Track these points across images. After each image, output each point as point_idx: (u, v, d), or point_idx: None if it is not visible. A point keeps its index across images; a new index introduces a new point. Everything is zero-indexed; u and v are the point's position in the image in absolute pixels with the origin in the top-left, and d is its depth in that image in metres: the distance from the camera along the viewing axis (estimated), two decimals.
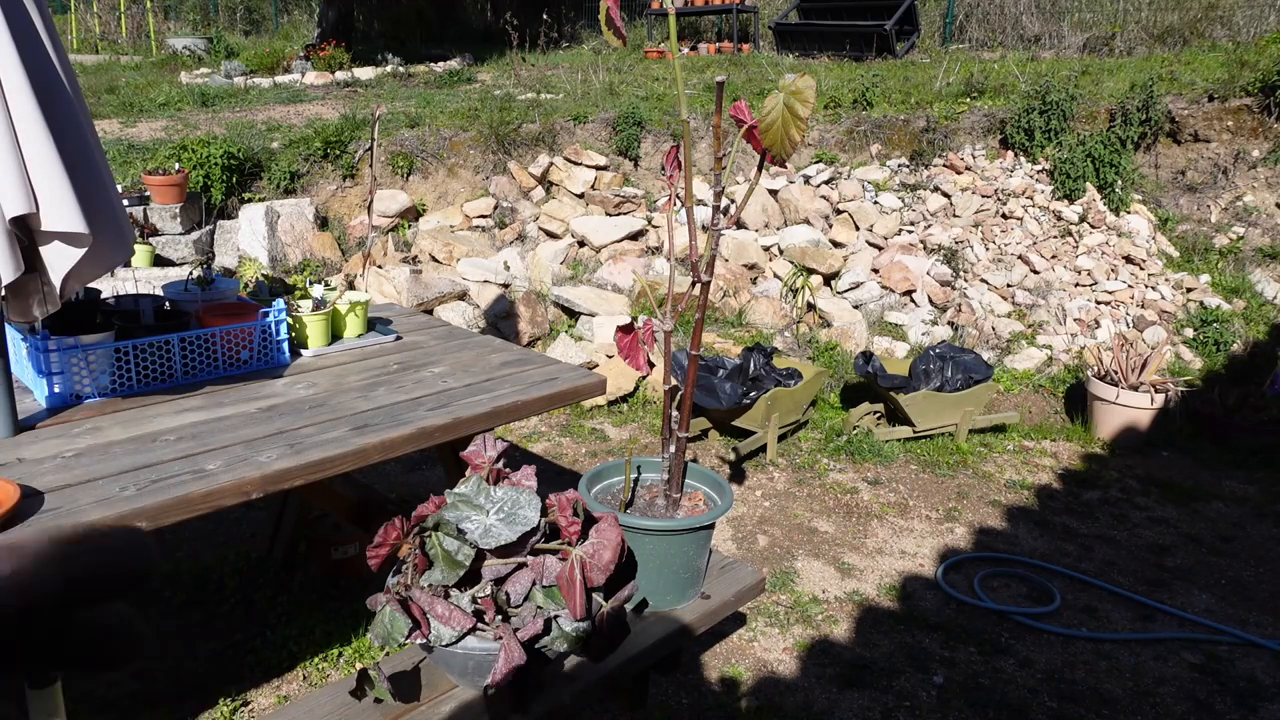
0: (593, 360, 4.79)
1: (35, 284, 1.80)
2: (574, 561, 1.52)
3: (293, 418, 2.09)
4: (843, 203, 6.41)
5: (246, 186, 6.02)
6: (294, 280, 2.78)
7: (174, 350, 2.23)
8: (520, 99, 7.80)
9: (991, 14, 10.60)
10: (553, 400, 2.37)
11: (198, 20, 14.41)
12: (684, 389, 1.64)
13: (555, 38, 12.06)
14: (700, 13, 12.64)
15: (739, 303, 5.61)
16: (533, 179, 6.63)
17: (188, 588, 3.02)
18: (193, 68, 10.05)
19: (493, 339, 2.80)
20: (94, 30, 12.78)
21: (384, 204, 6.06)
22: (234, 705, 2.49)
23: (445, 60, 10.79)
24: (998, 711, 2.54)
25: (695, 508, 1.79)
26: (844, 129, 7.08)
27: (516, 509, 1.57)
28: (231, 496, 1.77)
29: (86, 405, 2.12)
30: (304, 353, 2.52)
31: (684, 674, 2.68)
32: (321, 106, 7.65)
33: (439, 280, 5.39)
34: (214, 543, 3.33)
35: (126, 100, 7.75)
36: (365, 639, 2.74)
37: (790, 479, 4.01)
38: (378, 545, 1.53)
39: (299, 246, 5.77)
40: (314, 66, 9.60)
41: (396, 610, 1.45)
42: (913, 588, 3.19)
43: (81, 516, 1.60)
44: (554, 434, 4.40)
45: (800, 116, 1.21)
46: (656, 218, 6.28)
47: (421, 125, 6.79)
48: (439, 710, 1.54)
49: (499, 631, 1.47)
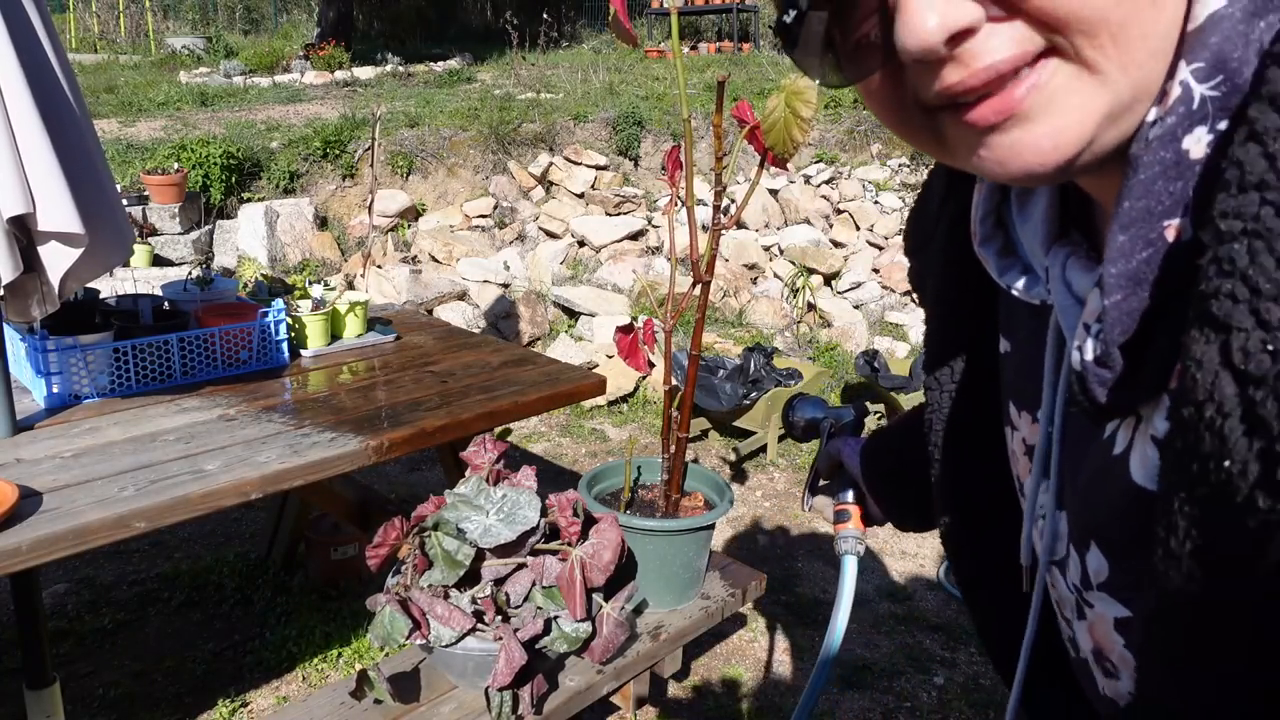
0: (593, 360, 4.78)
1: (34, 284, 1.79)
2: (574, 562, 1.52)
3: (292, 418, 2.09)
4: (843, 202, 6.40)
5: (246, 186, 6.02)
6: (293, 280, 2.77)
7: (173, 350, 2.23)
8: (520, 98, 7.80)
9: None
10: (553, 400, 2.37)
11: (197, 19, 14.41)
12: (684, 389, 1.63)
13: (555, 37, 12.06)
14: (700, 12, 12.64)
15: (739, 303, 5.61)
16: (533, 179, 6.63)
17: (187, 588, 3.01)
18: (192, 67, 10.05)
19: (493, 339, 2.80)
20: (93, 29, 12.77)
21: (384, 204, 6.06)
22: (233, 706, 2.48)
23: (445, 60, 10.79)
24: (998, 713, 2.54)
25: (695, 508, 1.78)
26: (844, 128, 7.08)
27: (516, 509, 1.56)
28: (230, 497, 1.76)
29: (85, 405, 2.11)
30: (303, 353, 2.52)
31: (684, 675, 2.68)
32: (321, 106, 7.65)
33: (439, 280, 5.39)
34: (213, 543, 3.32)
35: (125, 100, 7.74)
36: (365, 639, 2.73)
37: (791, 479, 4.01)
38: (377, 545, 1.53)
39: (298, 246, 5.76)
40: (313, 66, 9.60)
41: (396, 611, 1.45)
42: (914, 588, 3.19)
43: (80, 517, 1.60)
44: (554, 434, 4.39)
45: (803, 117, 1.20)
46: (656, 218, 6.28)
47: (421, 125, 6.79)
48: (439, 711, 1.54)
49: (499, 632, 1.47)
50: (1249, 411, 0.38)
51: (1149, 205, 0.46)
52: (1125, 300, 0.47)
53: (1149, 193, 0.45)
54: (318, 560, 3.02)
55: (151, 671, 2.62)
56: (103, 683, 2.56)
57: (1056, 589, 0.63)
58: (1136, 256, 0.46)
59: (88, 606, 2.91)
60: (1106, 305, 0.48)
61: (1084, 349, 0.50)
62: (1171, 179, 0.45)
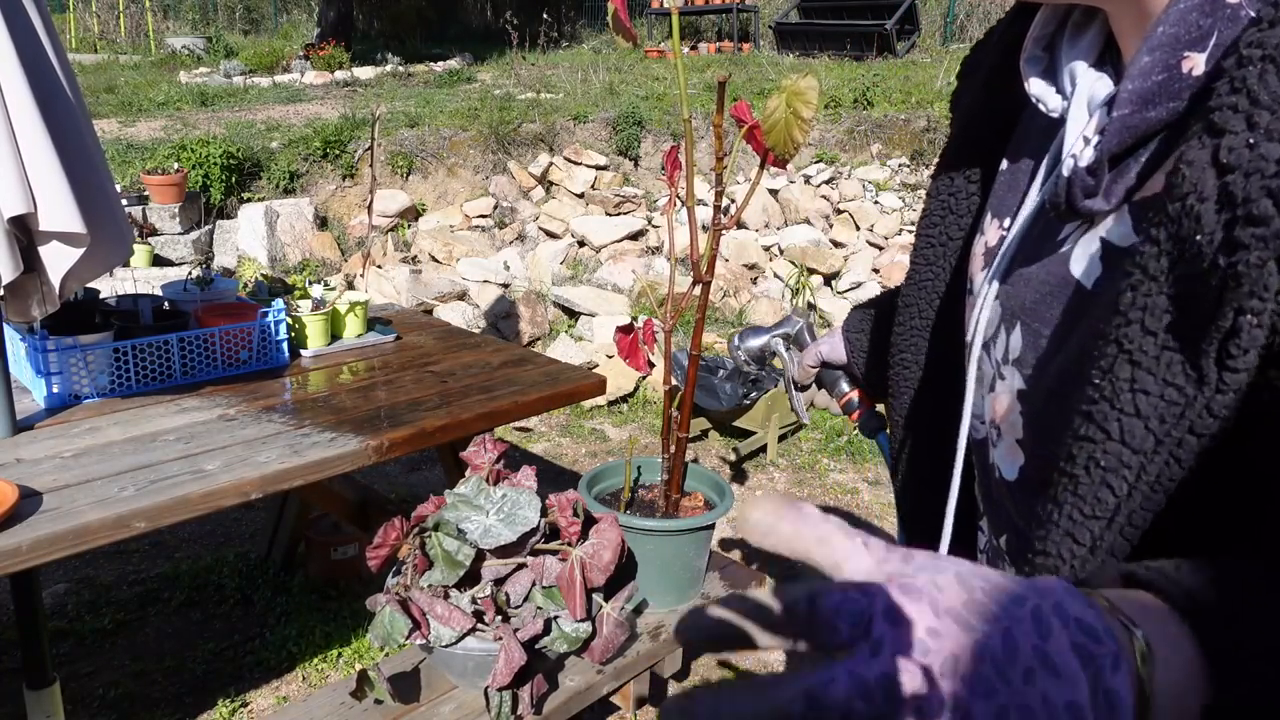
0: (593, 360, 4.78)
1: (34, 284, 1.79)
2: (574, 562, 1.52)
3: (292, 418, 2.09)
4: (843, 202, 6.40)
5: (246, 186, 6.02)
6: (293, 280, 2.77)
7: (173, 350, 2.23)
8: (520, 98, 7.80)
9: (992, 13, 10.59)
10: (553, 400, 2.37)
11: (197, 19, 14.41)
12: (684, 389, 1.63)
13: (555, 37, 12.06)
14: (701, 12, 12.64)
15: (739, 303, 5.61)
16: (533, 179, 6.63)
17: (187, 588, 3.01)
18: (192, 67, 10.05)
19: (493, 339, 2.80)
20: (93, 29, 12.77)
21: (384, 204, 6.05)
22: (233, 706, 2.48)
23: (445, 60, 10.79)
24: None
25: (695, 508, 1.78)
26: (844, 129, 7.08)
27: (516, 509, 1.56)
28: (230, 497, 1.76)
29: (85, 405, 2.11)
30: (303, 353, 2.52)
31: (684, 675, 2.68)
32: (321, 106, 7.65)
33: (439, 280, 5.39)
34: (213, 543, 3.32)
35: (125, 100, 7.74)
36: (364, 639, 2.73)
37: (790, 479, 4.01)
38: (377, 546, 1.53)
39: (298, 246, 5.76)
40: (313, 66, 9.60)
41: (396, 610, 1.45)
42: None
43: (80, 517, 1.60)
44: (554, 434, 4.39)
45: (803, 117, 1.20)
46: (656, 218, 6.28)
47: (421, 125, 6.79)
48: (439, 711, 1.54)
49: (499, 632, 1.47)
50: (1223, 192, 0.46)
51: (1178, 33, 0.53)
52: (1130, 116, 0.55)
53: (1182, 21, 0.53)
54: (318, 560, 3.02)
55: (151, 671, 2.62)
56: (103, 682, 2.56)
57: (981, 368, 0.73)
58: (1152, 78, 0.54)
59: (88, 606, 2.91)
60: (1113, 117, 0.56)
61: (1079, 157, 0.59)
62: (1205, 14, 0.52)
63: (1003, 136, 0.77)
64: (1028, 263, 0.68)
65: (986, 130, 0.79)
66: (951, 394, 0.80)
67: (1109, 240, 0.59)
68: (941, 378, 0.86)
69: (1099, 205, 0.58)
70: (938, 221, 0.84)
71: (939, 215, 0.83)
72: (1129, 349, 0.51)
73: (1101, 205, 0.58)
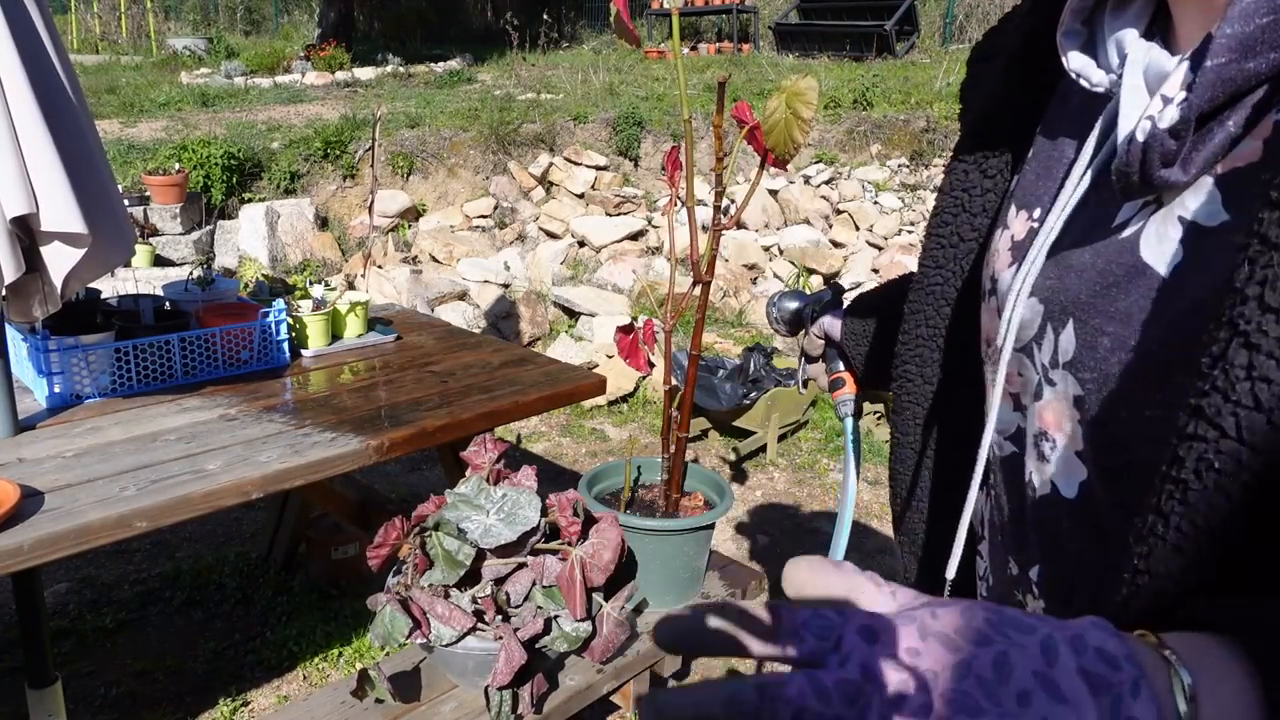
0: (593, 360, 4.79)
1: (36, 284, 1.80)
2: (574, 561, 1.52)
3: (293, 418, 2.09)
4: (843, 203, 6.41)
5: (247, 186, 6.03)
6: (294, 280, 2.78)
7: (174, 350, 2.23)
8: (520, 99, 7.80)
9: (992, 14, 10.60)
10: (553, 400, 2.37)
11: (198, 20, 14.41)
12: (684, 389, 1.64)
13: (555, 38, 12.07)
14: (700, 13, 12.65)
15: (739, 303, 5.61)
16: (533, 179, 6.63)
17: (188, 588, 3.02)
18: (193, 68, 10.05)
19: (493, 339, 2.80)
20: (94, 30, 12.78)
21: (384, 204, 6.06)
22: (234, 705, 2.49)
23: (445, 60, 10.80)
24: None
25: (695, 508, 1.79)
26: (844, 129, 7.08)
27: (516, 509, 1.57)
28: (231, 496, 1.76)
29: (87, 405, 2.12)
30: (304, 353, 2.52)
31: (684, 674, 2.68)
32: (321, 107, 7.65)
33: (439, 280, 5.39)
34: (214, 543, 3.33)
35: (127, 100, 7.75)
36: (365, 639, 2.74)
37: (790, 479, 4.01)
38: (378, 545, 1.53)
39: (299, 246, 5.77)
40: (314, 67, 9.60)
41: (397, 610, 1.45)
42: None
43: (82, 517, 1.60)
44: (554, 434, 4.40)
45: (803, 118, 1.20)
46: (656, 218, 6.28)
47: (422, 125, 6.80)
48: (439, 710, 1.54)
49: (499, 631, 1.47)
50: None
51: None
52: (1226, 66, 0.48)
53: None
54: (318, 560, 3.03)
55: (153, 670, 2.62)
56: (104, 682, 2.57)
57: (1024, 375, 0.66)
58: (1256, 20, 0.47)
59: (89, 606, 2.92)
60: (1206, 67, 0.49)
61: (1158, 118, 0.52)
62: None
63: (1024, 127, 0.73)
64: (1077, 247, 0.61)
65: (1006, 120, 0.74)
66: (965, 410, 0.76)
67: (1192, 220, 0.52)
68: (953, 392, 0.80)
69: (1176, 176, 0.51)
70: (949, 220, 0.78)
71: (951, 214, 0.78)
72: (1245, 330, 0.44)
73: (1179, 176, 0.51)
